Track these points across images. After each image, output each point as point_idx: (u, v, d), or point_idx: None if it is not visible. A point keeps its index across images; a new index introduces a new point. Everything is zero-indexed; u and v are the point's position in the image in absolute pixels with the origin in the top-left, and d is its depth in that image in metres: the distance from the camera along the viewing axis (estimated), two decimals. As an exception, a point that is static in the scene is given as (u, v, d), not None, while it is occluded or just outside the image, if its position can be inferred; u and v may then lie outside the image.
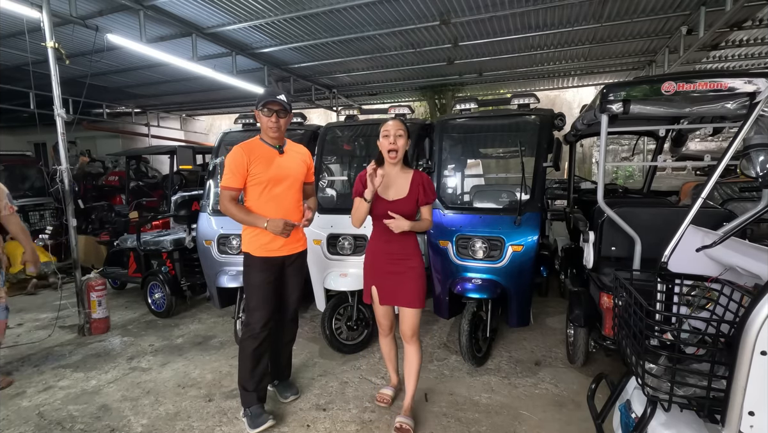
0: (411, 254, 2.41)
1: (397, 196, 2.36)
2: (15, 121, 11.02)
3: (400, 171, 2.40)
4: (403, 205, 2.33)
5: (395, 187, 2.37)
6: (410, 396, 2.50)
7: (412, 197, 2.35)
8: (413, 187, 2.36)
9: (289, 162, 2.56)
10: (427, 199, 2.38)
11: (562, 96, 11.35)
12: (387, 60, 8.09)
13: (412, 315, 2.40)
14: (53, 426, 2.59)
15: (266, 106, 2.44)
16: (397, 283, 2.39)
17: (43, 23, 3.85)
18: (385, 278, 2.42)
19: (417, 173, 2.41)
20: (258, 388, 2.53)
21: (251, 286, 2.53)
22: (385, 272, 2.41)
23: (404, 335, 2.44)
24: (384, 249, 2.41)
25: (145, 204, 6.57)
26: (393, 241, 2.36)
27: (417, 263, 2.42)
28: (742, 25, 6.08)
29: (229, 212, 2.43)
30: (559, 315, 4.11)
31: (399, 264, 2.39)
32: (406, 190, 2.36)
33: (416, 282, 2.39)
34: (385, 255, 2.41)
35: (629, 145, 9.82)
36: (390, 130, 2.31)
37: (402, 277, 2.38)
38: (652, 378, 1.33)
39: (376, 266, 2.44)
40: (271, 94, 2.47)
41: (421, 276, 2.42)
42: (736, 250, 1.54)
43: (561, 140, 3.56)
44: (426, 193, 2.37)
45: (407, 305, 2.39)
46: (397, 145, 2.30)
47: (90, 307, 4.00)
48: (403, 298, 2.40)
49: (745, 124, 1.77)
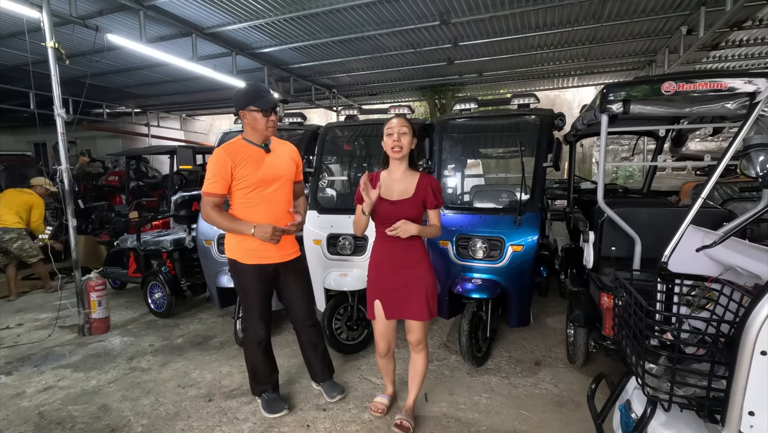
0: (418, 260, 2.26)
1: (402, 197, 2.22)
2: (15, 121, 11.03)
3: (407, 171, 2.27)
4: (408, 207, 2.20)
5: (400, 188, 2.24)
6: (413, 398, 2.44)
7: (418, 199, 2.22)
8: (420, 188, 2.23)
9: (278, 161, 2.45)
10: (437, 202, 2.25)
11: (562, 96, 11.35)
12: (387, 60, 8.10)
13: (420, 327, 2.27)
14: (53, 426, 2.59)
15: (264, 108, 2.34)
16: (404, 296, 2.24)
17: (43, 23, 3.85)
18: (391, 290, 2.26)
19: (424, 175, 2.28)
20: (269, 380, 2.63)
21: (245, 293, 2.50)
22: (390, 283, 2.25)
23: (411, 344, 2.34)
24: (388, 256, 2.26)
25: (145, 204, 6.58)
26: (398, 247, 2.22)
27: (425, 271, 2.26)
28: (742, 25, 6.09)
29: (212, 220, 2.31)
30: (559, 315, 4.11)
31: (405, 274, 2.24)
32: (412, 191, 2.23)
33: (425, 293, 2.24)
34: (390, 263, 2.25)
35: (629, 145, 9.83)
36: (394, 127, 2.20)
37: (409, 289, 2.24)
38: (652, 378, 1.33)
39: (381, 277, 2.29)
40: (263, 92, 2.38)
41: (431, 285, 2.27)
42: (736, 250, 1.53)
43: (561, 140, 3.56)
44: (435, 195, 2.24)
45: (417, 318, 2.25)
46: (401, 142, 2.19)
47: (90, 307, 3.99)
48: (411, 311, 2.25)
49: (745, 124, 1.77)
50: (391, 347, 2.44)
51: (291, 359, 3.29)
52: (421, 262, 2.28)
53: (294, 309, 2.64)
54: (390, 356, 2.49)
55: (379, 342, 2.39)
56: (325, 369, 2.78)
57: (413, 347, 2.35)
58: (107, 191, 7.76)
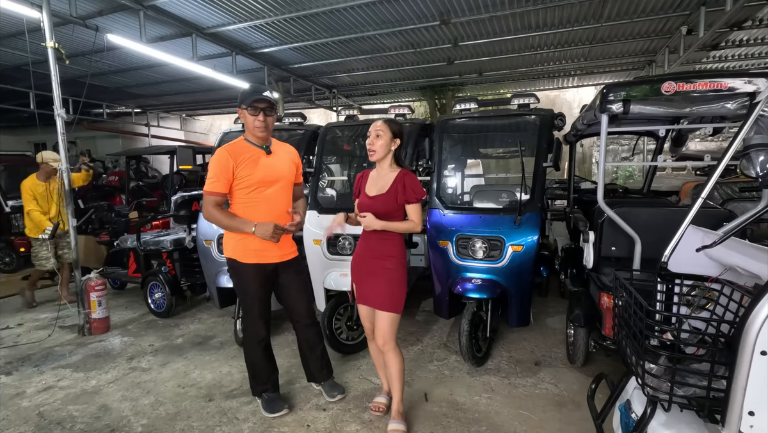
0: (388, 254, 2.33)
1: (378, 193, 2.33)
2: (15, 121, 11.04)
3: (389, 169, 2.36)
4: (380, 203, 2.29)
5: (379, 185, 2.35)
6: (397, 401, 2.42)
7: (391, 195, 2.29)
8: (393, 184, 2.30)
9: (279, 163, 2.47)
10: (407, 198, 2.27)
11: (562, 96, 11.35)
12: (387, 60, 8.10)
13: (382, 319, 2.31)
14: (53, 426, 2.59)
15: (252, 105, 2.31)
16: (372, 284, 2.35)
17: (43, 23, 3.85)
18: (363, 277, 2.39)
19: (402, 172, 2.33)
20: (269, 379, 2.64)
21: (245, 293, 2.50)
22: (363, 270, 2.39)
23: (378, 343, 2.35)
24: (364, 246, 2.40)
25: (145, 204, 6.58)
26: (371, 239, 2.35)
27: (393, 265, 2.33)
28: (742, 25, 6.10)
29: (214, 219, 2.33)
30: (559, 315, 4.11)
31: (374, 264, 2.34)
32: (387, 188, 2.31)
33: (389, 285, 2.31)
34: (365, 252, 2.39)
35: (629, 145, 9.83)
36: (370, 131, 2.32)
37: (376, 278, 2.33)
38: (652, 378, 1.33)
39: (358, 263, 2.43)
40: (256, 90, 2.36)
41: (397, 280, 2.33)
42: (736, 250, 1.54)
43: (561, 140, 3.56)
44: (406, 190, 2.27)
45: (378, 307, 2.32)
46: (374, 145, 2.29)
47: (90, 307, 4.00)
48: (375, 300, 2.33)
49: (745, 124, 1.77)
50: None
51: (291, 359, 3.29)
52: (393, 256, 2.35)
53: (293, 309, 2.64)
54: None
55: (363, 322, 2.51)
56: (322, 370, 2.76)
57: (381, 347, 2.36)
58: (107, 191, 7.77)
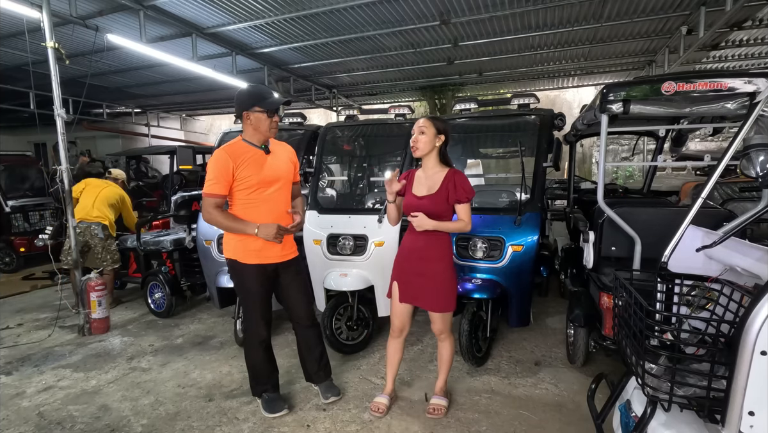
0: (437, 256, 2.37)
1: (428, 193, 2.33)
2: (15, 121, 11.03)
3: (436, 168, 2.37)
4: (430, 203, 2.29)
5: (428, 185, 2.35)
6: (442, 380, 2.61)
7: (441, 195, 2.30)
8: (444, 184, 2.31)
9: (278, 162, 2.47)
10: (458, 197, 2.29)
11: (562, 96, 11.35)
12: (387, 60, 8.10)
13: (438, 319, 2.44)
14: (53, 426, 2.59)
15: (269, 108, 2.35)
16: (420, 285, 2.38)
17: (43, 23, 3.85)
18: (409, 277, 2.41)
19: (452, 171, 2.36)
20: (269, 380, 2.64)
21: (246, 293, 2.50)
22: (409, 270, 2.41)
23: (435, 334, 2.52)
24: (411, 246, 2.41)
25: (145, 204, 6.58)
26: (420, 239, 2.36)
27: (443, 267, 2.38)
28: (742, 25, 6.09)
29: (215, 221, 2.31)
30: (559, 315, 4.11)
31: (423, 265, 2.36)
32: (437, 188, 2.32)
33: (439, 286, 2.38)
34: (412, 253, 2.40)
35: (629, 145, 9.82)
36: (414, 128, 2.34)
37: (425, 279, 2.37)
38: (652, 378, 1.33)
39: (403, 263, 2.44)
40: (268, 96, 2.39)
41: (447, 280, 2.40)
42: (736, 250, 1.54)
43: (561, 140, 3.56)
44: (456, 189, 2.29)
45: (433, 309, 2.41)
46: (418, 142, 2.30)
47: (90, 307, 3.99)
48: (426, 301, 2.40)
49: (745, 124, 1.77)
50: (405, 329, 2.55)
51: (291, 359, 3.29)
52: (441, 259, 2.39)
53: (293, 310, 2.64)
54: (401, 340, 2.58)
55: (393, 321, 2.53)
56: (319, 372, 2.74)
57: (437, 336, 2.53)
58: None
